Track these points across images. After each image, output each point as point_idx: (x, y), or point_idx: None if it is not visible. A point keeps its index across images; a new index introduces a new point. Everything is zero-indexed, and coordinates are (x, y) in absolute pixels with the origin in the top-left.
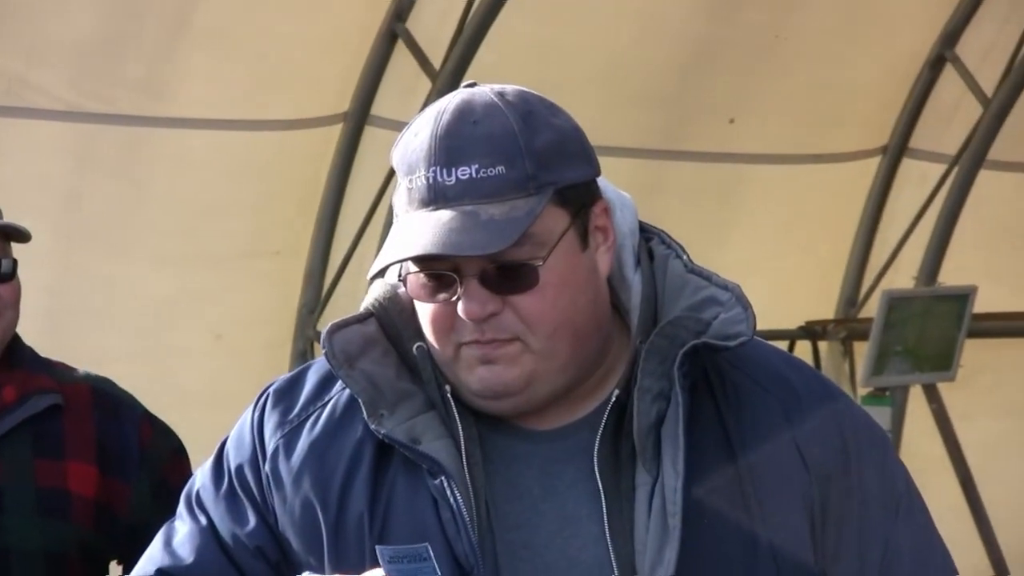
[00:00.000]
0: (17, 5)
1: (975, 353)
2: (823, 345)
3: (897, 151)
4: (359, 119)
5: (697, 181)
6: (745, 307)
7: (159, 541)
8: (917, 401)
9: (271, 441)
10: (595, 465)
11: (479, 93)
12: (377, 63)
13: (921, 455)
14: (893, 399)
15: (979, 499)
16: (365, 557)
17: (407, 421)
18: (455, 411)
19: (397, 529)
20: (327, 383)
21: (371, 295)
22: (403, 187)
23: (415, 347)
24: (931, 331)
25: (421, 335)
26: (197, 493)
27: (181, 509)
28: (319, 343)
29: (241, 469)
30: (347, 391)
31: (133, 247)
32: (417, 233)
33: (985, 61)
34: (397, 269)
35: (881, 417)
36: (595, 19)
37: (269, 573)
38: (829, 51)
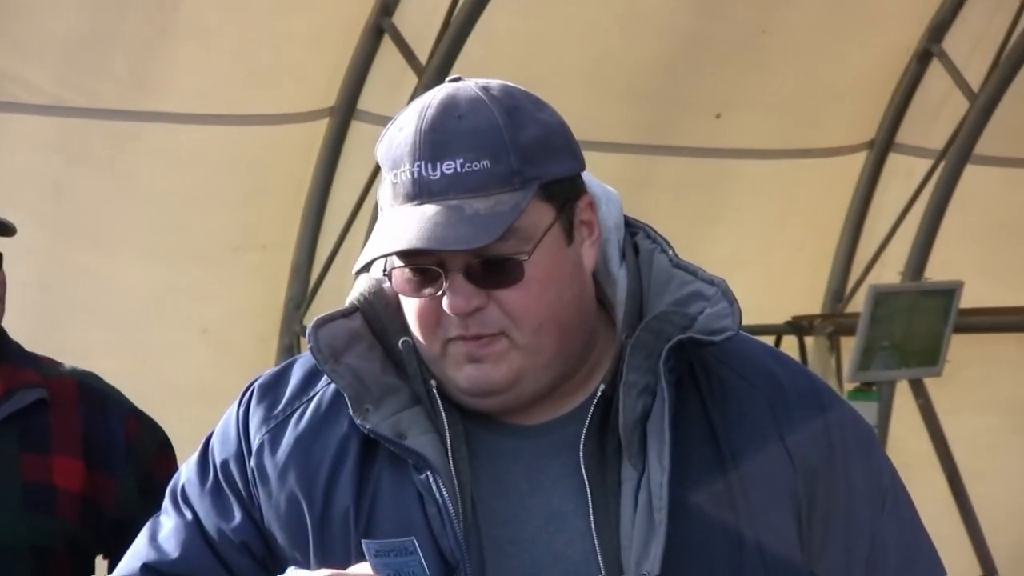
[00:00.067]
0: (2, 0)
1: (961, 348)
2: (810, 340)
3: (884, 146)
4: (345, 114)
5: (684, 176)
6: (731, 302)
7: (144, 536)
8: (903, 396)
9: (256, 436)
10: (581, 460)
11: (464, 87)
12: (363, 58)
13: (907, 450)
14: (879, 394)
15: (966, 494)
16: (351, 552)
17: (392, 416)
18: (441, 406)
19: (383, 524)
20: (312, 378)
21: (356, 290)
22: (388, 182)
23: (400, 342)
24: (917, 326)
25: (406, 330)
26: (182, 488)
27: (166, 504)
28: (305, 338)
29: (226, 464)
30: (332, 386)
31: (119, 242)
32: (402, 228)
33: (972, 56)
34: (382, 264)
35: (867, 412)
36: (582, 14)
37: (255, 568)
38: (815, 46)
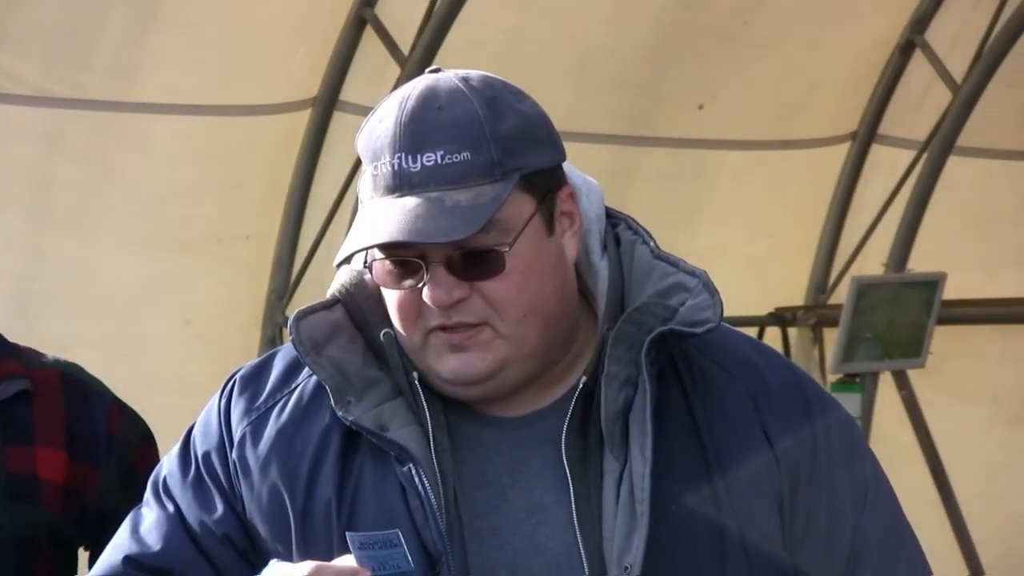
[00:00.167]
0: None
1: (945, 340)
2: (793, 331)
3: (866, 137)
4: (328, 105)
5: (666, 167)
6: (712, 293)
7: (126, 528)
8: (887, 388)
9: (238, 428)
10: (563, 452)
11: (444, 79)
12: (346, 48)
13: (891, 442)
14: (863, 386)
15: (949, 486)
16: (333, 544)
17: (374, 408)
18: (422, 398)
19: (365, 516)
20: (294, 369)
21: (337, 281)
22: (368, 174)
23: (382, 333)
24: (900, 318)
25: (388, 321)
26: (164, 480)
27: (148, 496)
28: (287, 329)
29: (208, 456)
30: (314, 378)
31: (102, 232)
32: (382, 220)
33: (955, 47)
34: (363, 256)
35: (851, 404)
36: (564, 5)
37: (237, 560)
38: (798, 37)
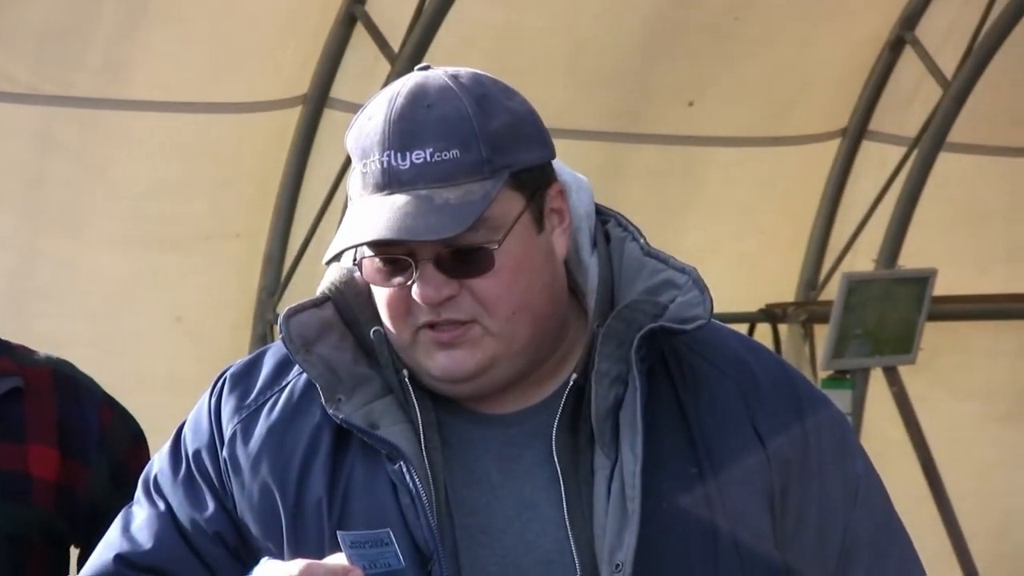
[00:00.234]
0: None
1: (935, 336)
2: (783, 328)
3: (857, 133)
4: (318, 102)
5: (658, 164)
6: (702, 290)
7: (117, 526)
8: (878, 384)
9: (228, 426)
10: (553, 449)
11: (433, 76)
12: (336, 46)
13: (882, 438)
14: (854, 382)
15: (940, 482)
16: (324, 542)
17: (365, 406)
18: (413, 396)
19: (356, 514)
20: (284, 367)
21: (327, 279)
22: (357, 171)
23: (372, 331)
24: (891, 314)
25: (378, 319)
26: (155, 478)
27: (139, 494)
28: (277, 327)
29: (199, 454)
30: (304, 376)
31: (92, 230)
32: (372, 218)
33: (945, 43)
34: (353, 253)
35: (842, 400)
36: (554, 2)
37: (228, 558)
38: (788, 33)
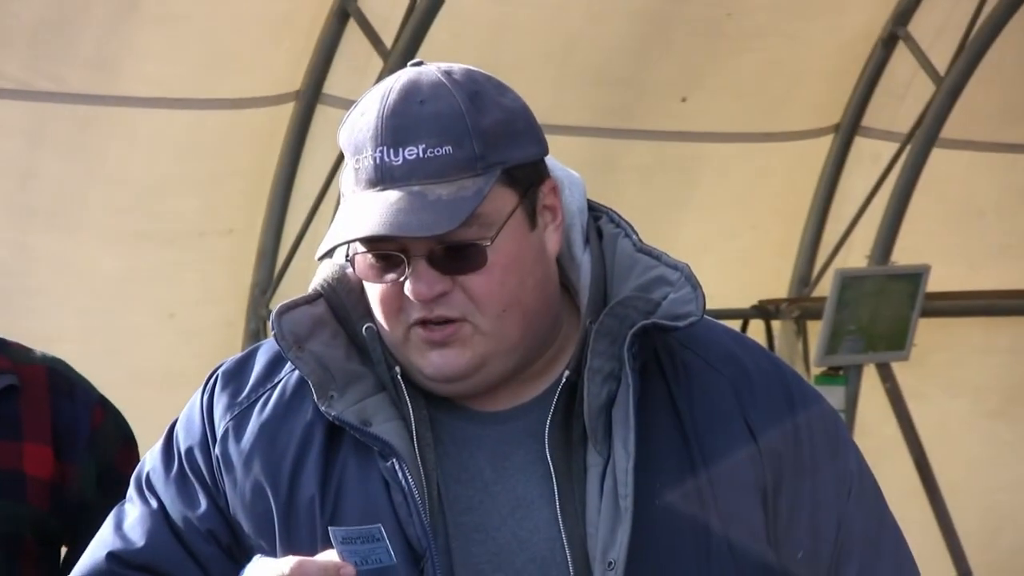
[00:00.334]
0: None
1: (928, 332)
2: (776, 324)
3: (850, 129)
4: (311, 98)
5: (649, 160)
6: (694, 287)
7: (110, 524)
8: (871, 380)
9: (221, 423)
10: (546, 447)
11: (426, 72)
12: (329, 42)
13: (875, 435)
14: (847, 378)
15: (933, 478)
16: (316, 539)
17: (357, 403)
18: (405, 393)
19: (348, 511)
20: (276, 364)
21: (319, 276)
22: (350, 167)
23: (364, 328)
24: (884, 310)
25: (370, 315)
26: (147, 476)
27: (131, 492)
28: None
29: (191, 452)
30: (297, 373)
31: (85, 226)
32: (364, 214)
33: (938, 39)
34: (345, 250)
35: (835, 396)
36: None
37: (221, 556)
38: (781, 29)
